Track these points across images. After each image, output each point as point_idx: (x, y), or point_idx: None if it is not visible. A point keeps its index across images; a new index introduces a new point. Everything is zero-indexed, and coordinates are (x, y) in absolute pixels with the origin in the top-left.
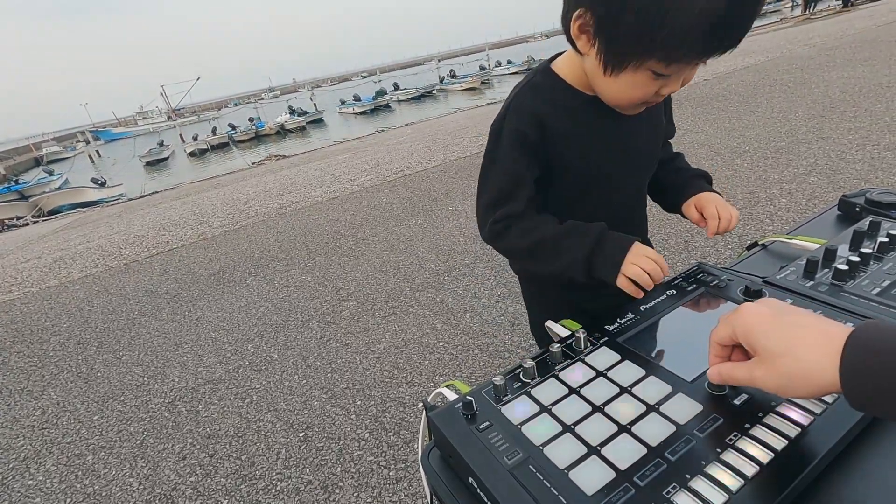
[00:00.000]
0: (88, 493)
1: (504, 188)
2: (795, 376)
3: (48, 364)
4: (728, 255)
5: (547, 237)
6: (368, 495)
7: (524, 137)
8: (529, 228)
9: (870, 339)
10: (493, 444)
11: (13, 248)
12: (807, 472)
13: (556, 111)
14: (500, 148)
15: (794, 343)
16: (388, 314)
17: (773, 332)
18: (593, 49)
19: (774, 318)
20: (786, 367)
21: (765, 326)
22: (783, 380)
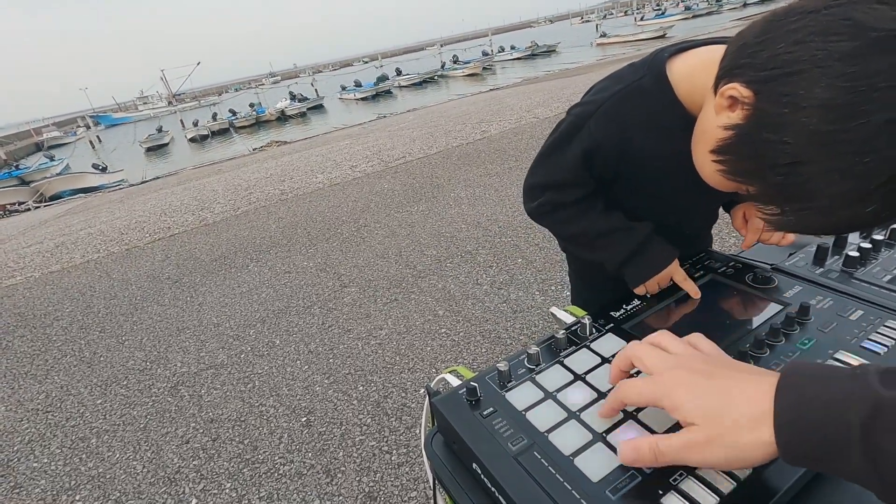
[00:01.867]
0: (93, 475)
1: (559, 180)
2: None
3: (51, 348)
4: (734, 243)
5: (590, 231)
6: (370, 479)
7: (598, 149)
8: (574, 217)
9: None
10: (497, 430)
11: (15, 234)
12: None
13: (651, 128)
14: (571, 143)
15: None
16: (389, 300)
17: (705, 395)
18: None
19: (706, 382)
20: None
21: (696, 392)
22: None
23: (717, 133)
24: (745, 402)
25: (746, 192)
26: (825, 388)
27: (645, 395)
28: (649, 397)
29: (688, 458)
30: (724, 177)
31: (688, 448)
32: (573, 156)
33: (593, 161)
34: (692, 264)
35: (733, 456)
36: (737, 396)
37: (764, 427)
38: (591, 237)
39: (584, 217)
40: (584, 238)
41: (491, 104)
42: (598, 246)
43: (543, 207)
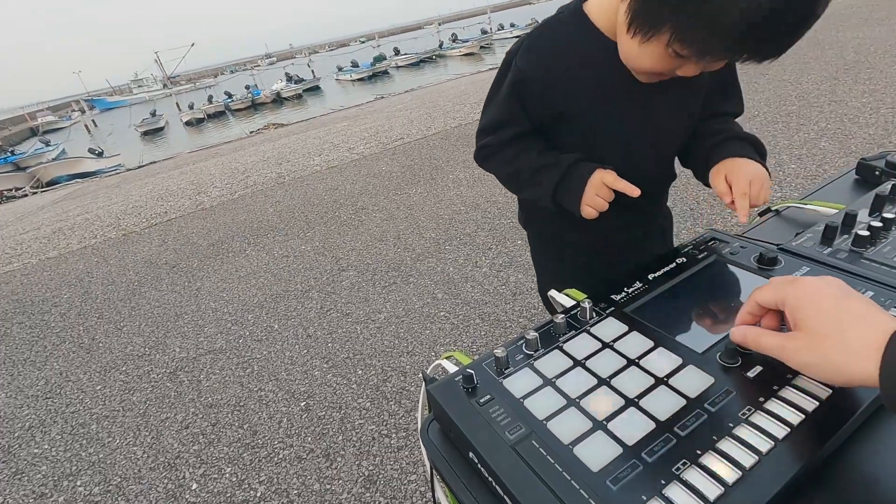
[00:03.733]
0: (93, 461)
1: (497, 120)
2: (834, 361)
3: (50, 335)
4: (734, 223)
5: (524, 167)
6: (370, 463)
7: (525, 81)
8: (512, 157)
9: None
10: (494, 418)
11: (12, 220)
12: (825, 447)
13: (576, 58)
14: (502, 85)
15: (844, 327)
16: (388, 284)
17: (828, 311)
18: (625, 2)
19: (835, 300)
20: (826, 349)
21: (823, 304)
22: (819, 361)
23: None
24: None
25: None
26: None
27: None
28: (780, 295)
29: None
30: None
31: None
32: (506, 93)
33: (525, 95)
34: (695, 246)
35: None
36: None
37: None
38: (526, 175)
39: (520, 156)
40: (520, 176)
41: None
42: (533, 182)
43: (484, 150)
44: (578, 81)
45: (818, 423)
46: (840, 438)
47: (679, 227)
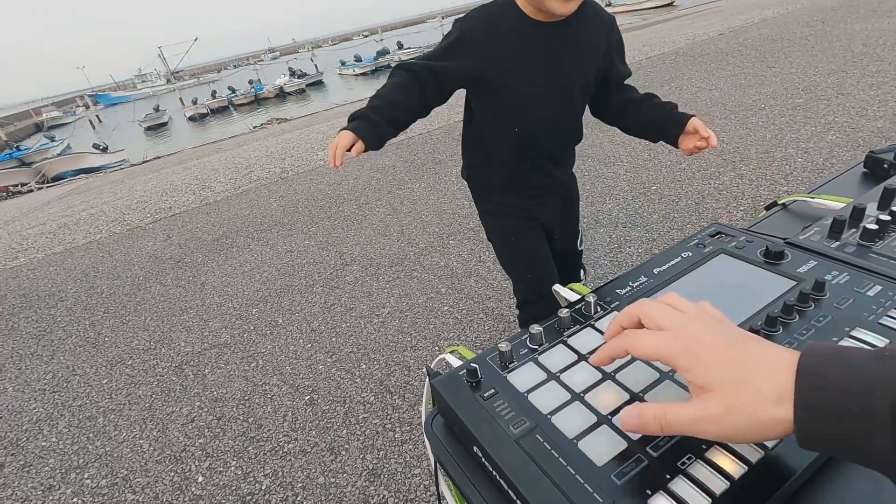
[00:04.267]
0: (100, 454)
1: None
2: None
3: (56, 329)
4: (741, 217)
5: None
6: (374, 457)
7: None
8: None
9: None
10: (498, 412)
11: (18, 215)
12: None
13: (504, 27)
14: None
15: (750, 373)
16: (392, 278)
17: (727, 361)
18: None
19: (728, 347)
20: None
21: (718, 356)
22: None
23: None
24: (768, 376)
25: None
26: (847, 372)
27: (660, 348)
28: (664, 352)
29: (699, 429)
30: None
31: (703, 419)
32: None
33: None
34: (701, 238)
35: (749, 430)
36: (760, 368)
37: (785, 405)
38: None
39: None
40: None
41: None
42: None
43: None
44: (503, 47)
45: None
46: None
47: (684, 221)
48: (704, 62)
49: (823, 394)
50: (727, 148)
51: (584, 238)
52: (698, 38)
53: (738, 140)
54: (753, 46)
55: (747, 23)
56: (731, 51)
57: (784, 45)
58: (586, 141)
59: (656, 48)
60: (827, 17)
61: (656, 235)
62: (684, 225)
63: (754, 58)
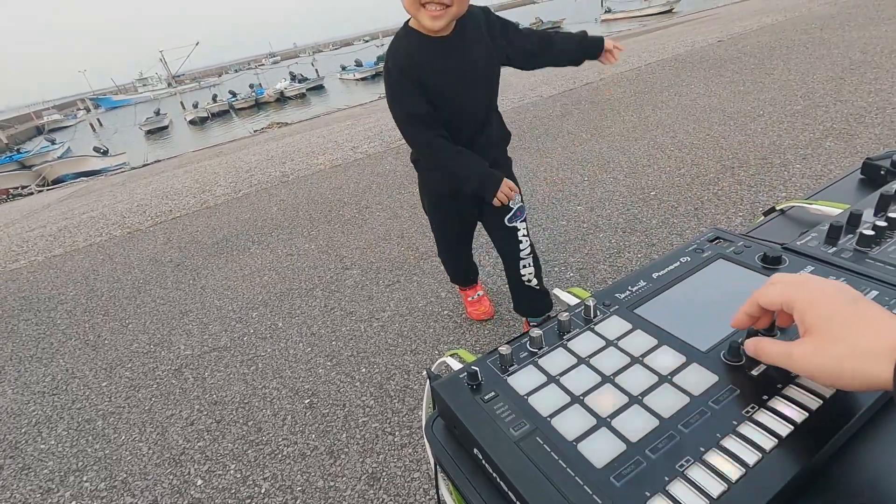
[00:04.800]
0: (99, 456)
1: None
2: (846, 366)
3: (56, 332)
4: (739, 223)
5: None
6: (374, 461)
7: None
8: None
9: None
10: (498, 415)
11: (19, 218)
12: (829, 445)
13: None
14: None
15: (857, 332)
16: (392, 282)
17: (838, 316)
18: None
19: (846, 304)
20: (838, 354)
21: (835, 308)
22: (831, 365)
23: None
24: (872, 337)
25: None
26: None
27: (784, 292)
28: (788, 296)
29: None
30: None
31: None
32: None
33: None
34: (699, 244)
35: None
36: (867, 328)
37: (881, 364)
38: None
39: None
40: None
41: None
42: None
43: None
44: (420, 64)
45: (822, 420)
46: (844, 436)
47: (683, 226)
48: (703, 69)
49: None
50: (726, 154)
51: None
52: (697, 45)
53: (736, 146)
54: (752, 53)
55: (746, 30)
56: (730, 58)
57: (782, 52)
58: (585, 146)
59: (655, 55)
60: (825, 24)
61: (655, 241)
62: (683, 230)
63: (753, 65)
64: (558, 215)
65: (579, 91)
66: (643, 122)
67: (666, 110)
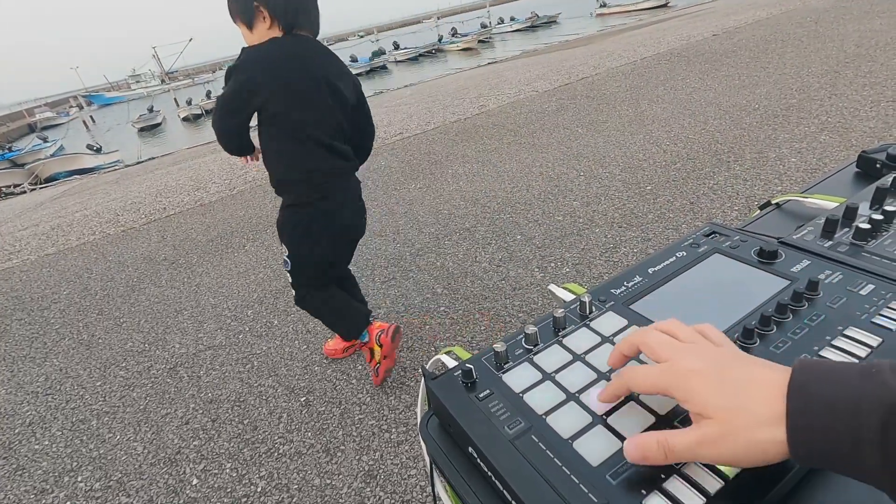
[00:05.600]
0: (94, 456)
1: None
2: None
3: (49, 331)
4: (735, 217)
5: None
6: (370, 458)
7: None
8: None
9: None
10: (493, 413)
11: (11, 216)
12: None
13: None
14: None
15: (743, 397)
16: (387, 279)
17: (719, 389)
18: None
19: (718, 375)
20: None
21: (709, 386)
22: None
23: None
24: (761, 400)
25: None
26: (835, 389)
27: (656, 383)
28: (661, 386)
29: (700, 454)
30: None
31: (701, 444)
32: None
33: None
34: (695, 239)
35: (748, 453)
36: (753, 393)
37: (779, 426)
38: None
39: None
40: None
41: (489, 78)
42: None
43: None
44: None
45: None
46: None
47: (679, 221)
48: (699, 63)
49: (813, 412)
50: (721, 148)
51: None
52: (693, 39)
53: (732, 140)
54: (747, 47)
55: (741, 24)
56: (726, 51)
57: (777, 45)
58: (580, 141)
59: (651, 49)
60: (820, 17)
61: (651, 235)
62: (679, 225)
63: (748, 58)
64: (554, 210)
65: (575, 86)
66: (639, 116)
67: (661, 105)
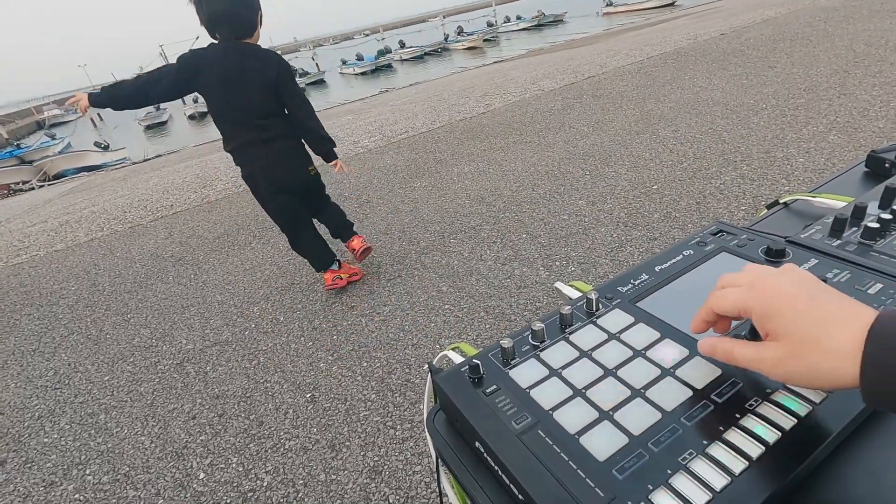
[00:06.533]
0: (102, 450)
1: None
2: (821, 368)
3: (58, 326)
4: (741, 217)
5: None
6: (375, 454)
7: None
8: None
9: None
10: (500, 408)
11: (20, 213)
12: (832, 438)
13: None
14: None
15: (823, 330)
16: (393, 277)
17: (802, 315)
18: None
19: (806, 301)
20: (811, 356)
21: (793, 310)
22: (805, 370)
23: None
24: (838, 333)
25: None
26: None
27: (739, 299)
28: (744, 303)
29: (759, 367)
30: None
31: (762, 360)
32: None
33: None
34: (702, 237)
35: (805, 375)
36: (832, 325)
37: (849, 362)
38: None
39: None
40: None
41: (495, 77)
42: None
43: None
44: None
45: (826, 413)
46: (849, 429)
47: (685, 220)
48: (706, 62)
49: (890, 353)
50: (728, 148)
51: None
52: (700, 38)
53: (739, 140)
54: (755, 46)
55: (749, 23)
56: (733, 51)
57: (786, 44)
58: (586, 140)
59: (658, 48)
60: (829, 16)
61: (657, 235)
62: (685, 224)
63: (756, 58)
64: (560, 209)
65: (581, 85)
66: (645, 115)
67: (668, 104)
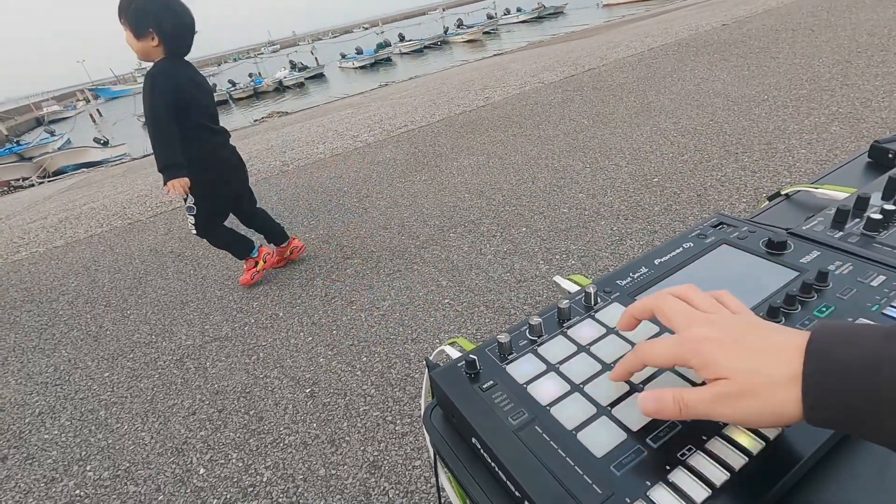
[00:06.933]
0: (102, 446)
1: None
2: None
3: (58, 322)
4: (743, 209)
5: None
6: (375, 449)
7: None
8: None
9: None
10: (497, 403)
11: (19, 209)
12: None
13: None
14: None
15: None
16: (392, 271)
17: (737, 360)
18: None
19: (736, 343)
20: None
21: (730, 353)
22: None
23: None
24: (777, 361)
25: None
26: (855, 351)
27: (672, 353)
28: (677, 356)
29: (716, 410)
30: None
31: (718, 400)
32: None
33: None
34: (702, 230)
35: (763, 412)
36: (769, 355)
37: (795, 386)
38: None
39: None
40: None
41: (495, 70)
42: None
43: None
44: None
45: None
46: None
47: (686, 213)
48: (707, 53)
49: (831, 374)
50: (730, 140)
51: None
52: (701, 29)
53: (740, 131)
54: (757, 37)
55: (751, 13)
56: (735, 41)
57: (788, 35)
58: (586, 133)
59: (659, 39)
60: (832, 6)
61: (658, 227)
62: (686, 217)
63: (758, 48)
64: (559, 202)
65: (581, 77)
66: (646, 107)
67: (669, 96)
